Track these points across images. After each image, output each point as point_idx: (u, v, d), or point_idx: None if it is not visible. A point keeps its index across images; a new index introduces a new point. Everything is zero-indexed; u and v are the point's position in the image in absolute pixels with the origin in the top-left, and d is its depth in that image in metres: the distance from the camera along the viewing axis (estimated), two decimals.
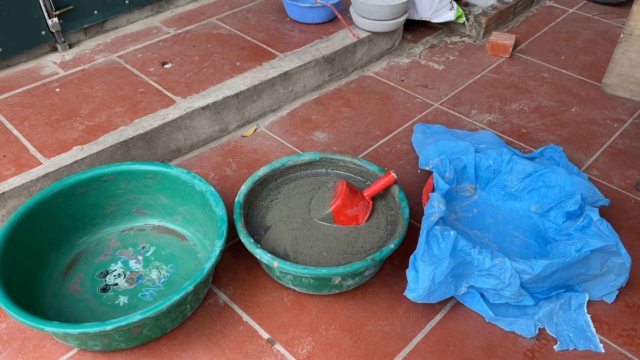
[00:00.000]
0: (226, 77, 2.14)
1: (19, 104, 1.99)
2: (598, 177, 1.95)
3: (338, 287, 1.51)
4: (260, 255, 1.46)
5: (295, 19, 2.50)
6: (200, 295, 1.50)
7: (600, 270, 1.48)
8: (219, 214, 1.51)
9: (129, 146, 1.86)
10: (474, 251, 1.40)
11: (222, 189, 1.88)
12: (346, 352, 1.43)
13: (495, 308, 1.50)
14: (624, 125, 2.19)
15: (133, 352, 1.42)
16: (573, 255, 1.42)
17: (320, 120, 2.19)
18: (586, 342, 1.44)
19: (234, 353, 1.42)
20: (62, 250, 1.62)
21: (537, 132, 2.14)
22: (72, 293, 1.54)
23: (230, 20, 2.51)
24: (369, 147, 2.07)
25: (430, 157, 1.79)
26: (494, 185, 1.79)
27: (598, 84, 2.39)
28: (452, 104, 2.29)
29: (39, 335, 1.46)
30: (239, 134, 2.14)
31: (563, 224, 1.64)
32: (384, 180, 1.64)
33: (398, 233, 1.52)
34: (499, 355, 1.43)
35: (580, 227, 1.53)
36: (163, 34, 2.40)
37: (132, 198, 1.70)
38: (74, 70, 2.17)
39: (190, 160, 2.01)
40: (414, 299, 1.41)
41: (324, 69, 2.32)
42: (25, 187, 1.68)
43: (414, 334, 1.47)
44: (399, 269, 1.63)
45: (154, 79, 2.13)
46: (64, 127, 1.88)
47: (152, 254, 1.64)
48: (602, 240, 1.44)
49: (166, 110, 1.97)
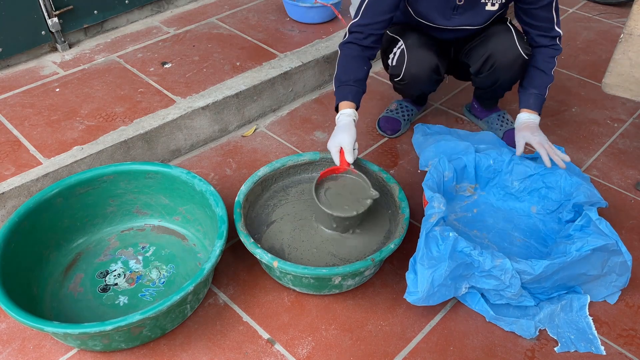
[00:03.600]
0: (226, 77, 2.14)
1: (19, 104, 1.99)
2: (598, 177, 1.95)
3: (338, 287, 1.51)
4: (260, 255, 1.46)
5: (295, 19, 2.50)
6: (200, 295, 1.50)
7: (602, 270, 1.48)
8: (219, 214, 1.51)
9: (129, 146, 1.86)
10: (475, 252, 1.40)
11: (222, 189, 1.88)
12: (346, 352, 1.43)
13: (496, 308, 1.49)
14: (624, 125, 2.19)
15: (133, 352, 1.42)
16: (574, 255, 1.41)
17: (320, 120, 2.19)
18: (587, 345, 1.44)
19: (234, 353, 1.42)
20: (62, 250, 1.62)
21: None
22: (72, 293, 1.54)
23: (230, 20, 2.51)
24: (369, 147, 2.07)
25: (430, 158, 1.79)
26: (494, 185, 1.79)
27: (598, 84, 2.39)
28: (452, 104, 2.29)
29: (39, 335, 1.46)
30: (239, 134, 2.14)
31: (563, 225, 1.65)
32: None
33: (398, 233, 1.52)
34: (499, 355, 1.42)
35: (579, 226, 1.53)
36: (163, 34, 2.40)
37: (132, 198, 1.70)
38: (73, 70, 2.17)
39: (190, 160, 2.01)
40: (414, 302, 1.41)
41: (324, 69, 2.32)
42: (25, 187, 1.68)
43: (414, 334, 1.47)
44: (399, 269, 1.63)
45: (154, 79, 2.13)
46: (63, 127, 1.88)
47: (152, 254, 1.64)
48: (602, 239, 1.44)
49: (166, 110, 1.97)
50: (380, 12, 1.66)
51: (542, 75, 1.76)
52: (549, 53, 1.75)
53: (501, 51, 1.73)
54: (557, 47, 1.76)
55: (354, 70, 1.67)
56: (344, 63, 1.70)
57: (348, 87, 1.66)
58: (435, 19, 1.74)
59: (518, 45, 1.72)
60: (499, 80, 1.81)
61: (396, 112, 2.11)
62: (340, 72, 1.69)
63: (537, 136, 1.70)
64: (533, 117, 1.75)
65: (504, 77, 1.79)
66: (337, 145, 1.61)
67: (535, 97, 1.76)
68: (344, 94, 1.66)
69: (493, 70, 1.78)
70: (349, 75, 1.67)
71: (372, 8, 1.66)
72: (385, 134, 2.10)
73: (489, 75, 1.80)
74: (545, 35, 1.74)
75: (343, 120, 1.63)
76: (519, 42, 1.73)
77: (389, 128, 2.09)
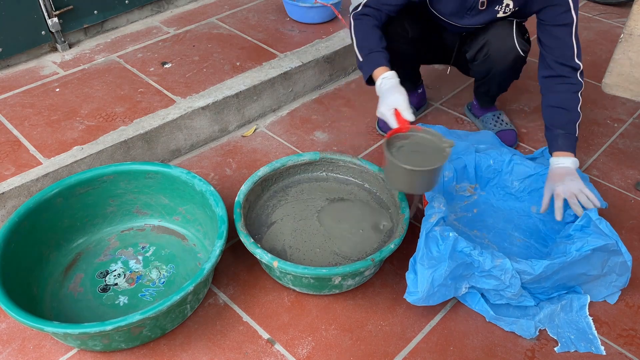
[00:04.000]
0: (226, 77, 2.14)
1: (19, 104, 1.99)
2: (598, 177, 1.95)
3: (338, 287, 1.51)
4: (260, 255, 1.46)
5: (295, 19, 2.50)
6: (200, 295, 1.50)
7: (602, 270, 1.48)
8: (219, 214, 1.51)
9: (129, 146, 1.86)
10: (475, 252, 1.40)
11: (222, 189, 1.88)
12: (346, 352, 1.43)
13: (496, 308, 1.49)
14: (624, 125, 2.19)
15: (133, 352, 1.42)
16: (574, 255, 1.41)
17: (320, 120, 2.19)
18: (587, 345, 1.44)
19: (234, 353, 1.42)
20: (62, 250, 1.62)
21: (538, 132, 2.14)
22: (72, 293, 1.54)
23: (230, 20, 2.51)
24: (369, 147, 2.07)
25: None
26: (494, 185, 1.79)
27: (598, 84, 2.39)
28: (452, 104, 2.29)
29: (39, 335, 1.46)
30: (239, 134, 2.14)
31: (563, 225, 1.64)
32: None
33: (398, 233, 1.52)
34: (499, 355, 1.42)
35: (579, 227, 1.53)
36: (163, 34, 2.40)
37: (132, 198, 1.70)
38: (73, 70, 2.17)
39: (190, 160, 2.01)
40: (414, 302, 1.41)
41: (324, 69, 2.32)
42: (25, 187, 1.68)
43: (414, 334, 1.47)
44: (399, 269, 1.63)
45: (154, 79, 2.13)
46: (63, 127, 1.88)
47: (152, 254, 1.64)
48: (602, 239, 1.43)
49: (166, 110, 1.97)
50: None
51: (564, 113, 1.62)
52: (570, 89, 1.62)
53: (497, 40, 1.72)
54: (576, 82, 1.62)
55: (378, 39, 1.65)
56: (364, 31, 1.66)
57: (379, 53, 1.62)
58: (450, 16, 1.75)
59: (515, 39, 1.71)
60: (491, 70, 1.79)
61: None
62: (363, 40, 1.65)
63: (562, 185, 1.52)
64: (562, 160, 1.58)
65: (497, 67, 1.77)
66: (391, 106, 1.53)
67: (564, 137, 1.60)
68: (377, 60, 1.62)
69: (486, 58, 1.76)
70: (375, 43, 1.63)
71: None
72: (385, 133, 2.10)
73: (483, 62, 1.79)
74: (563, 64, 1.62)
75: (388, 83, 1.57)
76: (517, 36, 1.72)
77: (388, 127, 2.09)
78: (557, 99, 1.64)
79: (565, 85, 1.64)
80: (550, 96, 1.66)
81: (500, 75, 1.82)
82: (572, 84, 1.63)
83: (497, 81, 1.86)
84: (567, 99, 1.63)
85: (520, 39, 1.73)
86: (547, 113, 1.66)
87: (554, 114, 1.64)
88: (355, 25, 1.68)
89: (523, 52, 1.73)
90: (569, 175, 1.55)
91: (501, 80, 1.85)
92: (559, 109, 1.63)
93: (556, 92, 1.65)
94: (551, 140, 1.64)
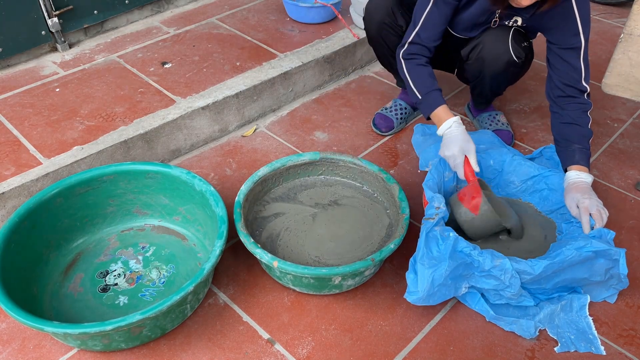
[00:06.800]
0: (226, 77, 2.14)
1: (19, 104, 1.99)
2: (598, 177, 1.95)
3: (338, 287, 1.51)
4: (260, 255, 1.46)
5: (295, 19, 2.50)
6: (200, 295, 1.50)
7: (604, 277, 1.47)
8: (219, 214, 1.51)
9: (129, 146, 1.86)
10: (475, 252, 1.40)
11: (222, 189, 1.88)
12: (346, 352, 1.43)
13: (495, 308, 1.49)
14: (624, 125, 2.19)
15: (133, 352, 1.42)
16: (573, 255, 1.41)
17: (320, 120, 2.19)
18: (587, 345, 1.44)
19: (234, 353, 1.42)
20: (62, 250, 1.62)
21: (537, 132, 2.14)
22: (72, 293, 1.54)
23: (230, 20, 2.51)
24: (369, 147, 2.07)
25: (430, 158, 1.79)
26: (494, 185, 1.79)
27: (598, 84, 2.38)
28: (452, 104, 2.29)
29: (39, 335, 1.46)
30: (239, 134, 2.14)
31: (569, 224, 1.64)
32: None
33: (398, 233, 1.52)
34: (499, 355, 1.42)
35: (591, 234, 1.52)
36: (163, 34, 2.40)
37: (132, 198, 1.70)
38: (73, 70, 2.17)
39: (190, 160, 2.01)
40: (414, 301, 1.41)
41: (324, 69, 2.32)
42: (25, 187, 1.68)
43: (414, 334, 1.47)
44: (399, 269, 1.63)
45: (154, 79, 2.13)
46: (63, 127, 1.88)
47: (152, 254, 1.64)
48: (605, 243, 1.42)
49: (166, 110, 1.97)
50: (440, 24, 1.68)
51: (579, 129, 1.63)
52: (580, 108, 1.64)
53: (491, 42, 1.72)
54: (585, 102, 1.64)
55: (432, 78, 1.70)
56: (417, 71, 1.71)
57: (436, 92, 1.67)
58: (461, 31, 1.79)
59: (509, 43, 1.70)
60: (482, 71, 1.79)
61: (390, 110, 2.13)
62: (418, 79, 1.69)
63: (587, 200, 1.52)
64: (584, 175, 1.57)
65: (488, 69, 1.77)
66: (462, 153, 1.57)
67: (580, 152, 1.61)
68: (436, 100, 1.66)
69: (478, 58, 1.76)
70: (430, 82, 1.68)
71: (430, 21, 1.68)
72: (379, 131, 2.11)
73: (474, 63, 1.78)
74: (569, 86, 1.64)
75: (459, 128, 1.61)
76: (513, 41, 1.71)
77: (383, 125, 2.10)
78: (569, 117, 1.65)
79: (575, 105, 1.65)
80: (562, 113, 1.66)
81: (492, 79, 1.81)
82: (581, 103, 1.65)
83: (488, 84, 1.85)
84: (578, 117, 1.64)
85: (516, 45, 1.71)
86: (561, 129, 1.67)
87: (568, 129, 1.64)
88: (407, 66, 1.72)
89: (517, 57, 1.71)
90: (589, 192, 1.55)
91: (493, 83, 1.84)
92: (572, 125, 1.64)
93: (567, 110, 1.65)
94: (567, 154, 1.63)
